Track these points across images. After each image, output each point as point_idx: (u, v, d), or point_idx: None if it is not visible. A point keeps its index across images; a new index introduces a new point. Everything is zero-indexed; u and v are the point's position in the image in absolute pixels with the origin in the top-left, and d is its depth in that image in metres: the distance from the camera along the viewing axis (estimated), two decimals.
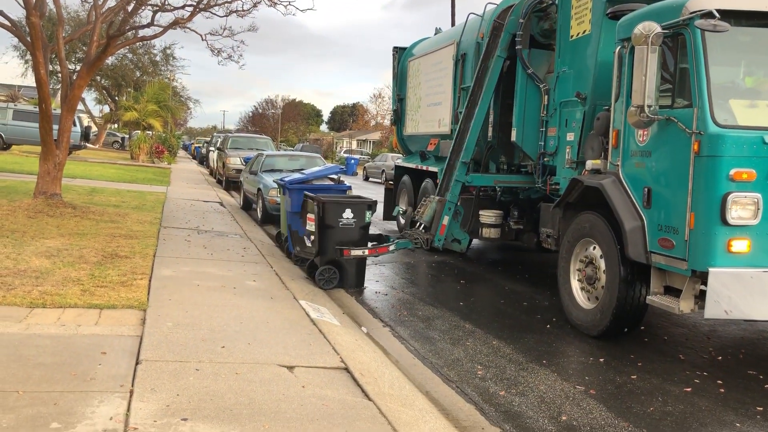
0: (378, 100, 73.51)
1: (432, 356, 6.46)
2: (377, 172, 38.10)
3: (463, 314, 8.13)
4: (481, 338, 7.13)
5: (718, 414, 5.33)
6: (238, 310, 6.83)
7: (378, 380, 5.28)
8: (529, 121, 9.39)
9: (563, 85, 8.68)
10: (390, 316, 7.94)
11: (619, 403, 5.44)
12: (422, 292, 9.34)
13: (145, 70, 49.93)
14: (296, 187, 10.50)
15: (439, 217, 9.82)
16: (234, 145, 25.94)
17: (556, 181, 8.81)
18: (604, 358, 6.60)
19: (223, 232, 12.35)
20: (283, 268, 9.66)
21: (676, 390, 5.82)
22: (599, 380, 5.98)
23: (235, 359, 5.26)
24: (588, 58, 8.15)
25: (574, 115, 8.34)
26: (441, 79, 12.49)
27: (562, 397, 5.50)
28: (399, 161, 15.12)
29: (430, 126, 12.98)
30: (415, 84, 13.95)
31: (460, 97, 11.48)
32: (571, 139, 8.39)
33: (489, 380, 5.85)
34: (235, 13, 13.99)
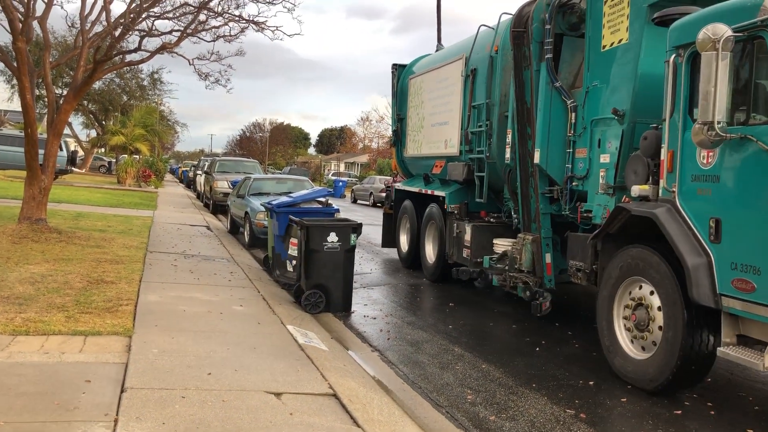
0: (366, 123, 73.85)
1: (421, 381, 6.41)
2: (365, 194, 38.20)
3: (452, 338, 8.10)
4: (471, 362, 7.08)
5: None
6: (225, 335, 6.75)
7: (367, 406, 5.21)
8: (555, 142, 8.34)
9: (594, 101, 7.80)
10: (378, 340, 7.88)
11: (609, 427, 5.43)
12: (411, 316, 9.30)
13: (132, 94, 49.89)
14: (283, 210, 10.43)
15: (540, 256, 8.57)
16: (221, 169, 25.90)
17: (588, 208, 7.82)
18: (594, 381, 6.58)
19: (210, 257, 12.25)
20: (270, 292, 9.57)
21: (666, 413, 5.81)
22: (589, 404, 5.95)
23: (222, 386, 5.17)
24: (626, 70, 7.30)
25: (610, 134, 7.50)
26: (448, 96, 11.75)
27: (552, 422, 5.46)
28: (399, 185, 14.23)
29: (435, 147, 12.24)
30: (417, 103, 13.44)
31: (471, 115, 10.75)
32: (605, 162, 7.51)
33: (479, 405, 5.80)
34: (223, 38, 14.03)
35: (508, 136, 9.41)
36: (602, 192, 7.50)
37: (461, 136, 11.02)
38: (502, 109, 9.79)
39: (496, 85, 9.99)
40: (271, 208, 10.73)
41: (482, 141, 10.31)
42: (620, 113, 7.22)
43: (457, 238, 10.70)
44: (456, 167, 10.93)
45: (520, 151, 8.91)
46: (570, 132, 8.16)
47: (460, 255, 10.64)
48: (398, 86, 14.49)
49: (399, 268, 13.61)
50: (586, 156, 7.88)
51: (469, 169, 10.63)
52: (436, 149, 12.14)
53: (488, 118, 10.11)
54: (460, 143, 11.04)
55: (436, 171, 12.13)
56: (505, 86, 9.73)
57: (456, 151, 11.20)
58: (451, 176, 11.09)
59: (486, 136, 10.16)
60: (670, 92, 6.29)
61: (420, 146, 13.04)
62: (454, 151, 11.30)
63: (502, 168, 9.73)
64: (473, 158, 10.58)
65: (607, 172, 7.46)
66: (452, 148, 11.38)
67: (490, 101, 10.08)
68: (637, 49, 7.17)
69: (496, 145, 9.90)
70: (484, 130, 10.18)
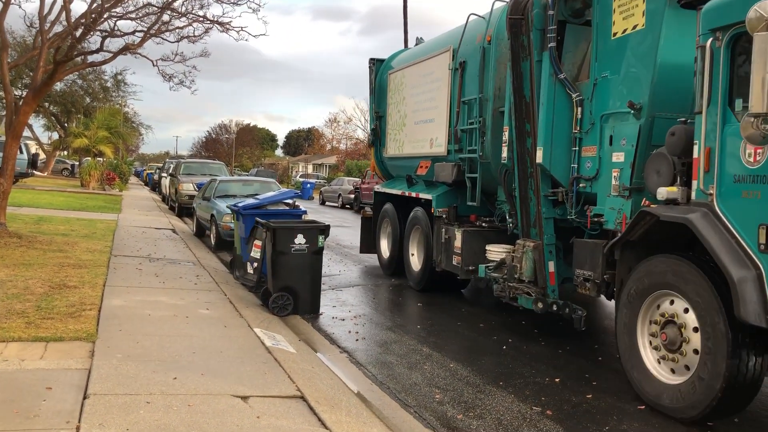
0: (333, 125, 73.47)
1: (390, 381, 6.37)
2: (334, 196, 38.08)
3: (421, 338, 8.06)
4: (439, 361, 7.06)
5: (671, 429, 5.42)
6: (191, 339, 6.64)
7: (335, 408, 5.18)
8: (559, 139, 7.55)
9: (604, 94, 7.08)
10: (347, 341, 7.79)
11: (575, 424, 5.43)
12: (379, 317, 9.23)
13: (95, 96, 48.88)
14: (250, 212, 10.26)
15: (542, 265, 7.79)
16: (187, 171, 25.49)
17: (598, 212, 7.06)
18: (560, 378, 6.58)
19: (176, 260, 12.00)
20: (237, 295, 9.40)
21: (630, 408, 5.84)
22: (555, 401, 5.96)
23: (188, 391, 5.10)
24: (642, 59, 6.60)
25: (624, 130, 6.75)
26: (433, 92, 10.88)
27: (519, 419, 5.47)
28: (379, 187, 13.32)
29: (420, 146, 11.34)
30: (397, 99, 12.50)
31: (460, 112, 9.92)
32: (619, 161, 6.77)
33: (447, 404, 5.79)
34: (187, 38, 13.81)
35: (504, 134, 8.62)
36: (616, 194, 6.79)
37: (449, 134, 10.23)
38: (497, 104, 9.05)
39: (489, 78, 9.20)
40: (237, 211, 10.59)
41: (474, 139, 9.52)
42: (637, 107, 6.52)
43: (446, 244, 9.89)
44: (444, 168, 10.10)
45: (518, 150, 8.16)
46: (576, 128, 7.42)
47: (449, 262, 9.83)
48: (376, 82, 13.59)
49: (368, 269, 13.39)
50: (596, 154, 7.15)
51: (459, 170, 9.82)
52: (421, 149, 11.28)
53: (481, 114, 9.33)
54: (448, 142, 10.24)
55: (421, 172, 11.25)
56: (500, 79, 9.02)
57: (443, 151, 10.40)
58: (439, 178, 10.26)
59: (479, 134, 9.35)
60: (707, 81, 5.52)
61: (402, 146, 12.18)
62: (441, 150, 10.49)
63: (497, 168, 8.94)
64: (464, 158, 9.77)
65: (621, 172, 6.75)
66: (439, 148, 10.56)
67: (483, 96, 9.30)
68: (656, 35, 6.46)
69: (490, 143, 9.12)
70: (477, 128, 9.38)
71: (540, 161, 7.66)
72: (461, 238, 9.46)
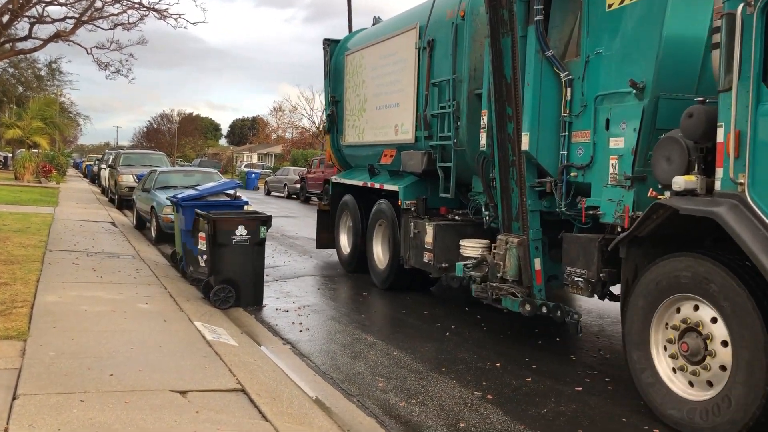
0: (278, 114, 72.50)
1: (333, 371, 6.35)
2: (279, 186, 37.50)
3: (365, 327, 8.04)
4: (383, 350, 7.05)
5: (606, 410, 5.50)
6: (129, 334, 6.50)
7: (276, 400, 5.14)
8: (546, 124, 6.81)
9: (598, 73, 6.35)
10: (290, 333, 7.69)
11: (515, 407, 5.52)
12: (324, 307, 9.15)
13: (28, 85, 47.00)
14: (189, 204, 10.02)
15: (528, 262, 7.04)
16: (126, 162, 24.76)
17: (593, 203, 6.34)
18: (501, 363, 6.65)
19: (115, 254, 11.70)
20: (177, 288, 9.25)
21: (568, 390, 5.94)
22: (496, 385, 6.05)
23: (125, 387, 4.98)
24: (645, 33, 5.89)
25: (623, 112, 6.04)
26: (397, 74, 9.93)
27: (460, 404, 5.53)
28: (337, 177, 12.30)
29: (383, 133, 10.36)
30: (356, 82, 11.37)
31: (429, 95, 9.01)
32: (617, 147, 6.08)
33: (390, 392, 5.80)
34: (121, 26, 13.47)
35: (483, 119, 7.80)
36: (614, 184, 6.09)
37: (417, 119, 9.34)
38: (473, 86, 8.21)
39: (463, 57, 8.33)
40: (177, 202, 10.37)
41: (447, 125, 8.64)
42: (639, 86, 5.82)
43: (415, 239, 9.06)
44: (412, 157, 9.23)
45: (498, 136, 7.37)
46: (565, 111, 6.68)
47: (419, 259, 9.00)
48: (332, 64, 12.51)
49: (314, 260, 13.12)
50: (589, 140, 6.43)
51: (429, 159, 8.94)
52: (384, 136, 10.33)
53: (454, 97, 8.45)
54: (416, 128, 9.37)
55: (385, 161, 10.33)
56: (476, 58, 8.19)
57: (410, 138, 9.51)
58: (406, 167, 9.39)
59: (452, 118, 8.47)
60: (737, 54, 4.77)
61: (362, 133, 11.17)
62: (408, 137, 9.59)
63: (473, 156, 8.12)
64: (435, 146, 8.91)
65: (620, 159, 6.05)
66: (405, 134, 9.67)
67: (457, 77, 8.42)
68: (662, 5, 5.76)
69: (465, 129, 8.27)
70: (450, 112, 8.49)
71: (526, 148, 6.89)
72: (433, 232, 8.63)
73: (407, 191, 9.42)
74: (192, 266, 9.81)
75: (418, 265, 9.10)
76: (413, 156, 9.22)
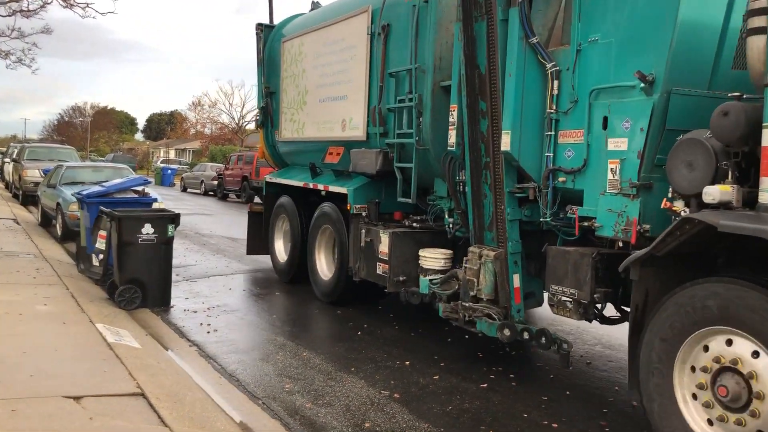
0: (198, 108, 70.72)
1: (240, 373, 6.21)
2: (196, 182, 36.55)
3: (276, 327, 7.89)
4: (292, 350, 6.94)
5: (509, 406, 5.58)
6: (23, 338, 6.18)
7: (178, 404, 5.00)
8: (529, 121, 5.98)
9: (593, 64, 5.53)
10: (198, 334, 7.47)
11: (420, 405, 5.54)
12: (234, 307, 8.88)
13: None
14: (95, 200, 9.74)
15: (506, 279, 6.21)
16: (32, 156, 23.73)
17: (588, 214, 5.50)
18: (410, 361, 6.64)
19: (14, 252, 11.10)
20: (81, 289, 8.81)
21: (473, 387, 6.01)
22: (404, 383, 6.04)
23: (13, 394, 4.74)
24: (656, 16, 5.09)
25: (627, 109, 5.22)
26: (346, 63, 8.91)
27: (367, 404, 5.51)
28: (271, 177, 11.07)
29: (328, 129, 9.33)
30: (295, 72, 10.38)
31: (384, 87, 8.05)
32: (619, 149, 5.26)
33: (296, 393, 5.73)
34: (20, 13, 12.78)
35: (452, 114, 6.90)
36: (614, 192, 5.26)
37: (369, 114, 8.33)
38: (438, 77, 7.29)
39: (426, 45, 7.37)
40: (81, 199, 10.02)
41: (407, 120, 7.67)
42: (649, 78, 5.01)
43: (367, 248, 8.05)
44: (364, 156, 8.21)
45: (470, 135, 6.51)
46: (551, 107, 5.84)
47: (371, 271, 8.01)
48: (266, 52, 11.36)
49: (228, 259, 12.72)
50: (582, 141, 5.60)
51: (385, 158, 7.94)
52: (329, 132, 9.28)
53: (416, 89, 7.46)
54: (368, 124, 8.35)
55: (331, 160, 9.25)
56: (442, 46, 7.27)
57: (361, 134, 8.49)
58: (357, 167, 8.35)
59: (413, 113, 7.49)
60: None
61: (302, 128, 10.09)
62: (358, 134, 8.57)
63: (438, 157, 7.15)
64: (392, 143, 7.92)
65: (622, 163, 5.21)
66: (355, 131, 8.65)
67: (419, 67, 7.43)
68: None
69: (429, 125, 7.29)
70: (411, 106, 7.50)
71: (506, 149, 5.98)
72: (389, 241, 7.62)
73: (358, 194, 8.38)
74: (83, 264, 9.49)
75: (370, 277, 8.07)
76: (366, 155, 8.20)
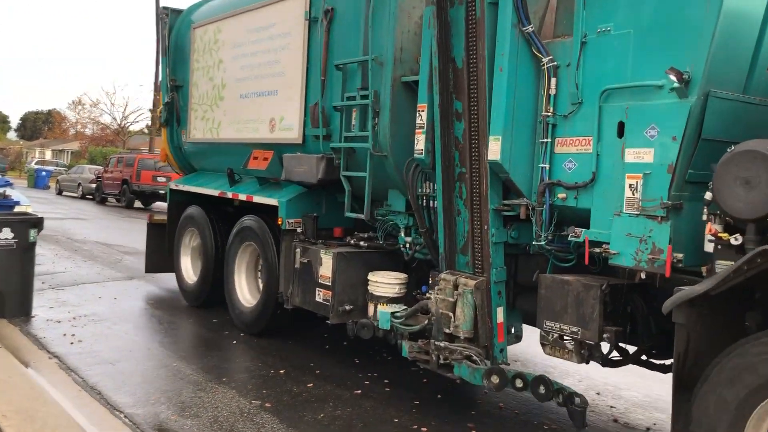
0: (78, 108, 66.84)
1: (103, 386, 5.85)
2: (73, 185, 34.09)
3: (147, 336, 7.65)
4: (161, 361, 6.66)
5: (381, 412, 5.59)
6: None
7: (28, 420, 4.79)
8: (520, 126, 5.03)
9: (605, 59, 4.64)
10: (60, 345, 6.98)
11: (292, 413, 5.46)
12: (103, 316, 8.28)
13: None
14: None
15: (487, 313, 5.19)
16: None
17: (600, 238, 4.56)
18: (285, 369, 6.52)
19: None
20: None
21: (347, 394, 5.95)
22: (277, 392, 5.92)
23: None
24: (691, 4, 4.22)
25: (655, 113, 4.32)
26: (276, 53, 7.58)
27: (236, 415, 5.34)
28: (177, 183, 9.56)
29: (252, 129, 7.91)
30: (209, 63, 8.90)
31: (327, 81, 6.83)
32: (642, 160, 4.36)
33: (162, 405, 5.47)
34: None
35: (419, 115, 5.74)
36: (635, 213, 4.35)
37: (307, 113, 7.08)
38: (399, 70, 6.08)
39: (384, 32, 6.15)
40: None
41: (359, 121, 6.46)
42: (685, 77, 4.13)
43: (304, 271, 6.80)
44: (302, 162, 6.90)
45: (442, 140, 5.46)
46: (547, 109, 4.90)
47: (308, 298, 6.76)
48: (172, 40, 9.85)
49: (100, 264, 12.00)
50: (590, 150, 4.68)
51: (329, 166, 6.67)
52: (254, 133, 7.87)
53: (371, 85, 6.22)
54: (305, 124, 7.10)
55: (256, 166, 7.76)
56: (404, 34, 6.10)
57: (296, 136, 7.18)
58: (293, 175, 7.02)
59: (368, 113, 6.25)
60: None
61: (218, 127, 8.61)
62: (292, 135, 7.25)
63: (399, 164, 6.01)
64: (338, 148, 6.62)
65: (646, 178, 4.32)
66: (288, 132, 7.33)
67: (376, 59, 6.19)
68: None
69: (388, 128, 6.07)
70: (366, 104, 6.27)
71: (496, 158, 4.96)
72: (333, 263, 6.40)
73: (291, 206, 7.07)
74: None
75: (307, 305, 6.83)
76: (304, 161, 6.88)
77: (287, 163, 7.11)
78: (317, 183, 6.77)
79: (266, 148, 7.70)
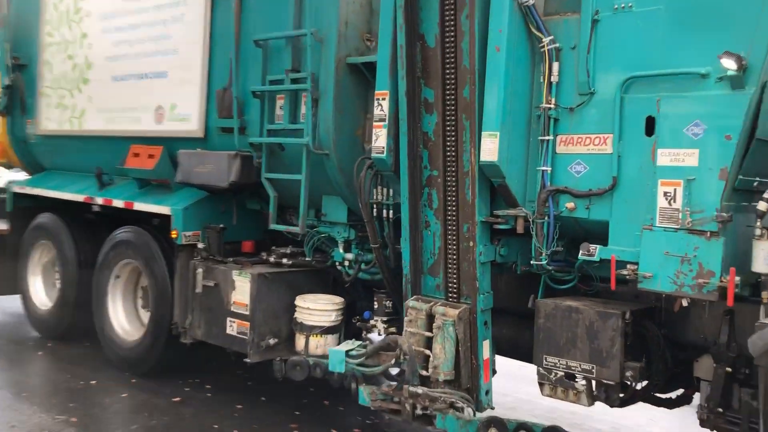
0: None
1: None
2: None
3: None
4: None
5: (201, 419, 5.32)
6: None
7: None
8: (517, 121, 4.20)
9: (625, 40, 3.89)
10: None
11: (100, 427, 5.21)
12: None
13: None
14: None
15: (474, 348, 4.30)
16: None
17: (623, 257, 3.79)
18: (96, 380, 6.14)
19: None
20: None
21: (164, 402, 5.66)
22: (85, 405, 5.57)
23: None
24: None
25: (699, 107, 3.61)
26: (165, 25, 6.22)
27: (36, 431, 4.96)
28: (23, 185, 7.86)
29: (131, 120, 6.51)
30: (69, 37, 7.18)
31: (241, 59, 5.57)
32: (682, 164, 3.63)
33: None
34: None
35: (379, 105, 4.71)
36: (673, 227, 3.63)
37: (212, 100, 5.80)
38: (344, 49, 5.01)
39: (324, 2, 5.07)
40: None
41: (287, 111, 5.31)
42: (743, 63, 3.44)
43: (208, 297, 5.56)
44: (207, 160, 5.61)
45: (410, 135, 4.49)
46: (548, 101, 4.09)
47: (215, 330, 5.53)
48: (12, 8, 8.08)
49: None
50: (610, 150, 3.93)
51: (246, 166, 5.43)
52: (134, 124, 6.46)
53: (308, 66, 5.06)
54: (207, 114, 5.83)
55: (140, 165, 6.32)
56: (349, 6, 5.05)
57: (196, 128, 5.89)
58: (194, 177, 5.71)
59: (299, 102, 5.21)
60: None
61: (81, 116, 7.05)
62: (190, 127, 5.95)
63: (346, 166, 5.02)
64: (258, 144, 5.40)
65: (689, 185, 3.60)
66: (184, 123, 6.02)
67: (315, 33, 5.03)
68: None
69: (331, 120, 4.98)
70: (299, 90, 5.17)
71: (492, 159, 4.08)
72: (253, 287, 5.20)
73: (189, 216, 5.77)
74: None
75: (214, 339, 5.56)
76: (210, 159, 5.59)
77: (185, 161, 5.77)
78: (228, 187, 5.49)
79: (152, 143, 6.29)
